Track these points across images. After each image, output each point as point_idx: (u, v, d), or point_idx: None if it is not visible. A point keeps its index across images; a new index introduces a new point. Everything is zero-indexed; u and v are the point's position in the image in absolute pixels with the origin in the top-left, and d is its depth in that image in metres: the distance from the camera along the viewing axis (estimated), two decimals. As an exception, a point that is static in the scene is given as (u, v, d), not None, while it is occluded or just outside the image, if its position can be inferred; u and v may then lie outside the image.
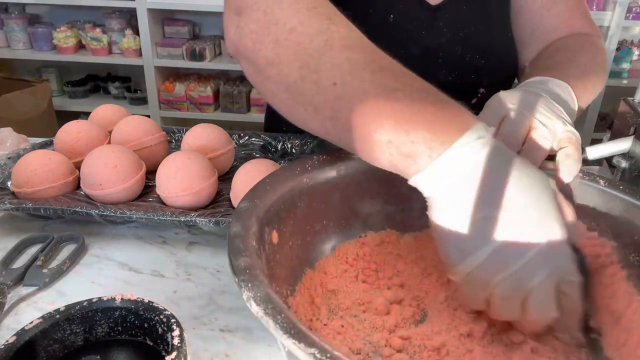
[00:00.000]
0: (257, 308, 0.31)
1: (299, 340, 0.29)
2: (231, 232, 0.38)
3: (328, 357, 0.28)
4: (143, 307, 0.35)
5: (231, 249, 0.36)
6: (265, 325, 0.31)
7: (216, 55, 2.64)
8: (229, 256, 0.36)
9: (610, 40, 2.38)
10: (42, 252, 0.54)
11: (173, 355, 0.31)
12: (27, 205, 0.57)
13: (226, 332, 0.46)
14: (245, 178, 0.59)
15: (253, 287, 0.33)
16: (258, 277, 0.34)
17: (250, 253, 0.36)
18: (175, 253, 0.57)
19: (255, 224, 0.40)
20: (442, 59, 0.69)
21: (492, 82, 0.72)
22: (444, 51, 0.69)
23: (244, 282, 0.33)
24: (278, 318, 0.30)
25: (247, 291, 0.32)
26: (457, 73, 0.71)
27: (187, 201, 0.59)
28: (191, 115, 2.61)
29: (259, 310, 0.31)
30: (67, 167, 0.63)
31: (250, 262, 0.35)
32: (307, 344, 0.28)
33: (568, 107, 0.52)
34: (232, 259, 0.35)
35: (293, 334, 0.29)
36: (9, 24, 2.58)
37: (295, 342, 0.29)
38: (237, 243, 0.37)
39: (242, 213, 0.41)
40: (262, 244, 0.40)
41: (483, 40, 0.70)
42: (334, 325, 0.44)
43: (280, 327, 0.30)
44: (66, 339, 0.34)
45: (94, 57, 2.56)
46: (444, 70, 0.70)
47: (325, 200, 0.51)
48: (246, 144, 0.78)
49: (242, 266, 0.34)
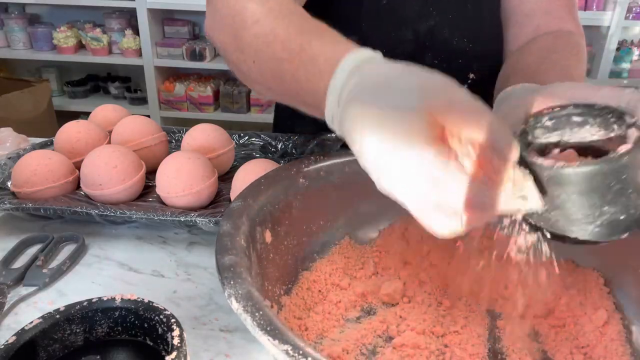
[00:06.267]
0: (236, 305, 0.32)
1: (274, 337, 0.29)
2: (221, 230, 0.39)
3: (300, 354, 0.28)
4: (143, 307, 0.35)
5: (218, 247, 0.37)
6: (244, 322, 0.31)
7: (216, 55, 2.64)
8: (215, 254, 0.37)
9: (610, 40, 2.38)
10: (42, 252, 0.54)
11: (173, 355, 0.31)
12: (27, 205, 0.57)
13: (226, 332, 0.46)
14: (245, 178, 0.59)
15: (235, 284, 0.33)
16: (241, 275, 0.34)
17: (237, 251, 0.37)
18: (175, 253, 0.57)
19: (245, 223, 0.41)
20: (429, 42, 0.70)
21: (481, 67, 0.72)
22: (432, 34, 0.69)
23: (227, 280, 0.34)
24: (256, 315, 0.31)
25: (229, 288, 0.33)
26: (444, 57, 0.71)
27: (187, 201, 0.59)
28: (191, 115, 2.61)
29: (238, 307, 0.32)
30: (67, 167, 0.63)
31: (236, 260, 0.36)
32: (281, 340, 0.29)
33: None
34: (218, 257, 0.36)
35: (269, 330, 0.30)
36: (9, 24, 2.58)
37: (270, 339, 0.29)
38: (225, 241, 0.38)
39: (234, 212, 0.42)
40: (252, 243, 0.41)
41: (472, 24, 0.71)
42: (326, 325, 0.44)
43: (257, 325, 0.30)
44: (66, 339, 0.34)
45: (94, 57, 2.56)
46: (430, 54, 0.70)
47: (322, 200, 0.51)
48: (246, 144, 0.78)
49: (227, 264, 0.35)
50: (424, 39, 0.69)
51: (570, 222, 0.35)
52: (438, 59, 0.71)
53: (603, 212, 0.34)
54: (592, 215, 0.34)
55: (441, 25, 0.69)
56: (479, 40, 0.71)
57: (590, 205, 0.34)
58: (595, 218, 0.34)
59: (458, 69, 0.72)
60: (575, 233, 0.35)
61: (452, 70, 0.71)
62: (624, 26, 2.39)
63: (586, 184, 0.33)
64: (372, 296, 0.48)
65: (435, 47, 0.70)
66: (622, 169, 0.32)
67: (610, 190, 0.33)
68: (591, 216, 0.34)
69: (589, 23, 2.36)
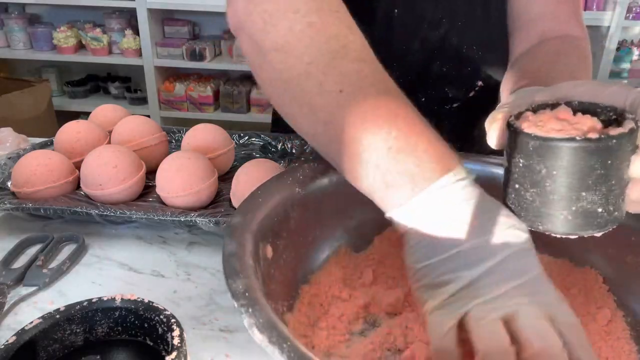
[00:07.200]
0: (260, 336, 0.30)
1: None
2: (226, 250, 0.37)
3: None
4: (143, 307, 0.35)
5: (227, 270, 0.35)
6: (271, 355, 0.30)
7: (216, 55, 2.64)
8: (225, 278, 0.34)
9: (610, 40, 2.38)
10: (42, 252, 0.54)
11: (173, 355, 0.31)
12: (27, 205, 0.57)
13: (226, 332, 0.46)
14: (245, 178, 0.59)
15: (254, 312, 0.32)
16: (259, 302, 0.33)
17: (247, 273, 0.35)
18: (175, 253, 0.57)
19: (249, 240, 0.39)
20: (439, 50, 0.70)
21: (489, 75, 0.72)
22: (442, 43, 0.69)
23: (244, 307, 0.32)
24: (284, 347, 0.29)
25: (249, 317, 0.31)
26: (453, 64, 0.71)
27: (187, 201, 0.59)
28: (191, 115, 2.61)
29: (263, 339, 0.30)
30: (67, 167, 0.63)
31: (249, 283, 0.34)
32: None
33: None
34: (230, 282, 0.34)
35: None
36: (9, 24, 2.58)
37: None
38: (233, 263, 0.36)
39: (236, 229, 0.40)
40: (257, 260, 0.39)
41: (481, 32, 0.70)
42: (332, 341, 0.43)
43: (287, 357, 0.29)
44: (66, 339, 0.34)
45: (94, 57, 2.57)
46: (439, 62, 0.70)
47: (318, 209, 0.50)
48: (246, 144, 0.78)
49: (241, 290, 0.33)
50: (433, 48, 0.69)
51: (546, 205, 0.34)
52: (447, 67, 0.70)
53: (580, 197, 0.33)
54: (569, 198, 0.33)
55: (451, 33, 0.69)
56: (488, 47, 0.71)
57: (569, 186, 0.33)
58: (571, 202, 0.34)
59: (466, 77, 0.72)
60: (548, 219, 0.35)
61: (461, 78, 0.72)
62: (624, 26, 2.39)
63: (569, 159, 0.32)
64: (374, 307, 0.47)
65: (445, 55, 0.70)
66: (609, 152, 0.32)
67: (592, 173, 0.32)
68: (567, 200, 0.34)
69: (589, 23, 2.35)
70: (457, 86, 0.72)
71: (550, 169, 0.33)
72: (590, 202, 0.33)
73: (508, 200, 0.37)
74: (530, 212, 0.35)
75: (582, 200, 0.33)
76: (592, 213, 0.34)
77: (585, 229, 0.34)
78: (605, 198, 0.33)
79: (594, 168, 0.32)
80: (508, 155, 0.37)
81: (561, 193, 0.34)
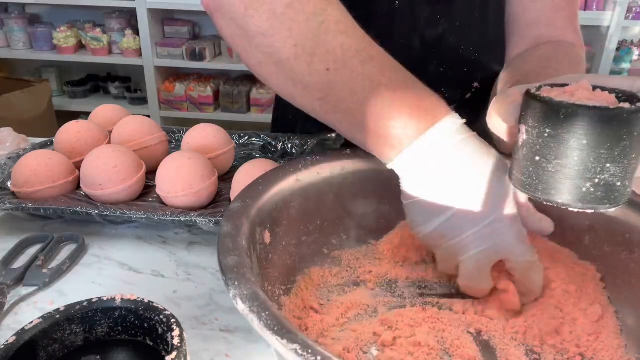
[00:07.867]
0: (242, 305, 0.32)
1: (282, 336, 0.29)
2: (222, 231, 0.39)
3: (309, 352, 0.28)
4: (143, 307, 0.35)
5: (220, 248, 0.37)
6: (250, 323, 0.31)
7: (216, 55, 2.64)
8: (218, 255, 0.37)
9: (610, 40, 2.38)
10: (42, 252, 0.54)
11: (173, 355, 0.31)
12: (27, 205, 0.57)
13: (226, 332, 0.46)
14: (245, 178, 0.59)
15: (240, 285, 0.34)
16: (245, 276, 0.34)
17: (239, 252, 0.37)
18: (175, 253, 0.57)
19: (245, 223, 0.41)
20: (436, 49, 0.70)
21: (485, 76, 0.72)
22: (440, 42, 0.69)
23: (231, 280, 0.34)
24: (262, 315, 0.31)
25: (234, 289, 0.33)
26: (450, 65, 0.71)
27: (187, 201, 0.59)
28: (191, 115, 2.62)
29: (244, 308, 0.32)
30: (67, 167, 0.63)
31: (239, 260, 0.36)
32: (289, 339, 0.29)
33: None
34: (222, 258, 0.36)
35: (277, 330, 0.30)
36: (9, 24, 2.58)
37: (278, 339, 0.29)
38: (226, 242, 0.38)
39: (234, 213, 0.42)
40: (253, 243, 0.41)
41: (479, 33, 0.71)
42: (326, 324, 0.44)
43: (264, 325, 0.30)
44: (66, 339, 0.34)
45: (94, 57, 2.57)
46: (436, 61, 0.70)
47: (319, 200, 0.51)
48: (246, 144, 0.78)
49: (231, 265, 0.35)
50: (431, 47, 0.70)
51: (569, 176, 0.34)
52: (444, 67, 0.71)
53: (605, 169, 0.33)
54: (594, 170, 0.33)
55: (449, 33, 0.69)
56: (485, 49, 0.72)
57: (596, 157, 0.33)
58: (595, 174, 0.33)
59: (463, 78, 0.72)
60: (569, 191, 0.34)
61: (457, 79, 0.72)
62: (624, 26, 2.40)
63: (603, 128, 0.32)
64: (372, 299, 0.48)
65: (442, 54, 0.70)
66: (637, 122, 0.32)
67: (620, 144, 0.32)
68: (592, 171, 0.33)
69: (589, 23, 2.36)
70: (454, 87, 0.72)
71: (581, 139, 0.33)
72: (612, 175, 0.33)
73: (523, 175, 0.36)
74: (551, 184, 0.35)
75: (606, 172, 0.33)
76: (612, 187, 0.34)
77: (603, 202, 0.34)
78: (625, 171, 0.33)
79: (622, 139, 0.32)
80: (527, 128, 0.36)
81: (587, 164, 0.33)
